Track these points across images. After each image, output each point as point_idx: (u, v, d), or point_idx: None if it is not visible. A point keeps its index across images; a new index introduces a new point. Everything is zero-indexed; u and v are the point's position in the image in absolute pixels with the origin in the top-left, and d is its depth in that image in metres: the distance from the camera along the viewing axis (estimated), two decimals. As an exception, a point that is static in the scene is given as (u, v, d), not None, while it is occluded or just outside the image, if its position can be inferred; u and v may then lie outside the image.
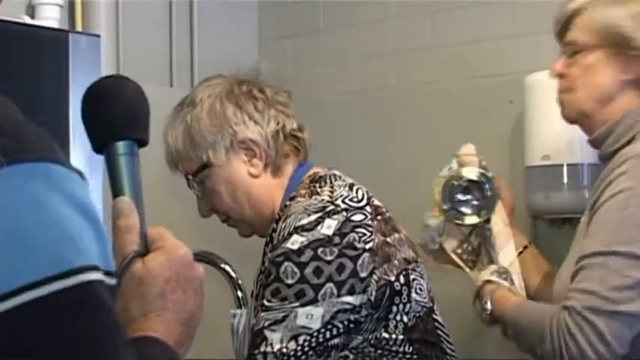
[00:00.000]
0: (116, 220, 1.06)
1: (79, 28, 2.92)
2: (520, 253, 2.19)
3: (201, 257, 2.59)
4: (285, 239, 1.72)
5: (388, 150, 3.18)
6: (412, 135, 3.15)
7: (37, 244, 0.80)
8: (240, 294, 2.55)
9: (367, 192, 1.84)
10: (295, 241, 1.70)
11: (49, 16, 2.80)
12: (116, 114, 1.07)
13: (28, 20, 2.73)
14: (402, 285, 1.75)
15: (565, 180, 2.66)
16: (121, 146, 1.07)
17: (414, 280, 1.78)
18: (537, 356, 1.90)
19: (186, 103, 1.96)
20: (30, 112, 2.30)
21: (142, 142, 1.09)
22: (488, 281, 2.05)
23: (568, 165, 2.66)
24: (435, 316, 1.82)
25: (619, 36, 1.92)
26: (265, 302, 1.71)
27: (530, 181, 2.73)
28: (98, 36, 2.33)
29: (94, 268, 0.84)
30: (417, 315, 1.75)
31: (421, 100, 3.15)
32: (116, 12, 3.05)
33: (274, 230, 1.78)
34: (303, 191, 1.81)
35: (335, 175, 1.86)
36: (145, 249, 1.05)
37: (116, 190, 1.08)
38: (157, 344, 1.00)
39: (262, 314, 1.70)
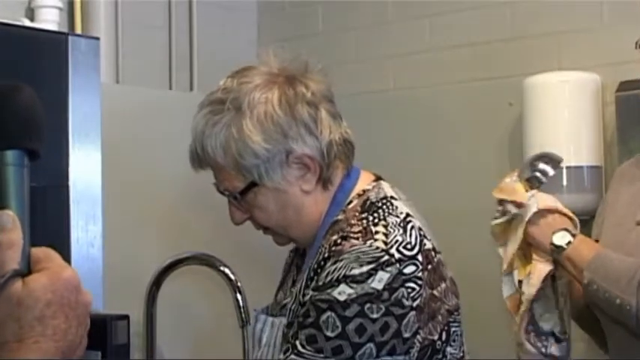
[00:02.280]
0: None
1: (78, 30, 2.92)
2: None
3: (200, 260, 2.59)
4: (333, 286, 1.61)
5: (387, 152, 3.18)
6: (412, 137, 3.16)
7: None
8: (239, 296, 2.54)
9: (419, 230, 1.71)
10: (343, 292, 1.60)
11: (49, 19, 2.80)
12: (6, 122, 1.00)
13: (27, 23, 2.74)
14: (442, 342, 1.69)
15: (565, 182, 2.66)
16: (9, 155, 0.99)
17: (453, 332, 1.71)
18: (613, 307, 1.92)
19: (227, 105, 1.70)
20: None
21: (34, 154, 1.01)
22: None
23: (567, 167, 2.66)
24: None
25: None
26: (298, 346, 1.62)
27: (529, 183, 2.73)
28: (98, 39, 2.32)
29: None
30: None
31: (420, 103, 3.15)
32: (116, 15, 3.05)
33: (321, 268, 1.66)
34: (354, 223, 1.69)
35: (387, 201, 1.73)
36: (27, 269, 0.97)
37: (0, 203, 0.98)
38: None
39: (293, 357, 1.62)
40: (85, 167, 2.20)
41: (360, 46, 3.32)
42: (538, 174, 2.12)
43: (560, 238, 2.02)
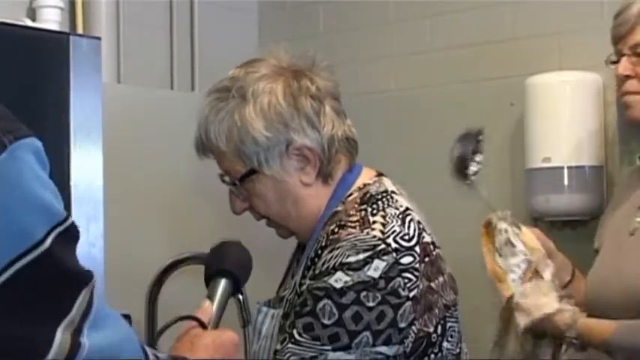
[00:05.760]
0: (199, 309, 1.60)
1: (79, 30, 2.93)
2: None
3: (201, 259, 2.59)
4: (330, 274, 1.62)
5: (388, 153, 3.18)
6: (413, 138, 3.16)
7: (45, 201, 1.07)
8: (240, 296, 2.55)
9: (419, 223, 1.72)
10: (339, 279, 1.61)
11: (50, 19, 2.81)
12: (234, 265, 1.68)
13: (29, 23, 2.74)
14: (438, 336, 1.69)
15: (566, 182, 2.66)
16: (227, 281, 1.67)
17: (449, 327, 1.71)
18: None
19: (232, 93, 1.72)
20: (31, 114, 2.31)
21: (237, 289, 1.67)
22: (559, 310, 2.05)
23: (569, 167, 2.66)
24: None
25: None
26: (295, 334, 1.62)
27: (530, 183, 2.74)
28: (99, 39, 2.33)
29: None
30: None
31: (421, 103, 3.15)
32: (117, 15, 3.05)
33: (318, 257, 1.68)
34: (352, 213, 1.70)
35: (387, 195, 1.75)
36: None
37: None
38: None
39: (289, 345, 1.63)
40: (86, 167, 2.20)
41: (361, 46, 3.32)
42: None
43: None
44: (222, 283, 1.63)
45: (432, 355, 1.68)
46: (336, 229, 1.69)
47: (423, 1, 3.17)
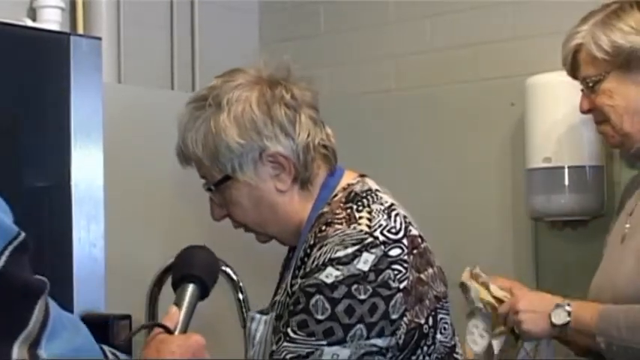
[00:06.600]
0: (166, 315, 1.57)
1: (80, 30, 2.93)
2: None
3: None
4: (320, 270, 1.64)
5: (389, 153, 3.18)
6: (413, 138, 3.16)
7: None
8: (241, 296, 2.55)
9: (404, 217, 1.74)
10: (330, 274, 1.63)
11: (51, 19, 2.81)
12: (202, 270, 1.65)
13: (29, 23, 2.74)
14: (429, 327, 1.70)
15: (566, 182, 2.66)
16: (195, 287, 1.63)
17: (441, 319, 1.73)
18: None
19: (209, 101, 1.77)
20: (31, 114, 2.30)
21: (205, 294, 1.64)
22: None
23: (569, 167, 2.66)
24: (455, 355, 1.78)
25: (622, 55, 2.02)
26: (290, 332, 1.65)
27: (531, 183, 2.74)
28: (99, 39, 2.33)
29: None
30: (439, 357, 1.72)
31: (422, 103, 3.15)
32: (117, 15, 3.06)
33: (307, 256, 1.70)
34: (338, 212, 1.73)
35: (371, 192, 1.77)
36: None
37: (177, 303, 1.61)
38: None
39: (285, 344, 1.65)
40: (86, 167, 2.20)
41: (361, 46, 3.32)
42: None
43: (559, 317, 2.03)
44: (190, 289, 1.62)
45: (425, 348, 1.70)
46: (323, 228, 1.72)
47: (423, 1, 3.17)
